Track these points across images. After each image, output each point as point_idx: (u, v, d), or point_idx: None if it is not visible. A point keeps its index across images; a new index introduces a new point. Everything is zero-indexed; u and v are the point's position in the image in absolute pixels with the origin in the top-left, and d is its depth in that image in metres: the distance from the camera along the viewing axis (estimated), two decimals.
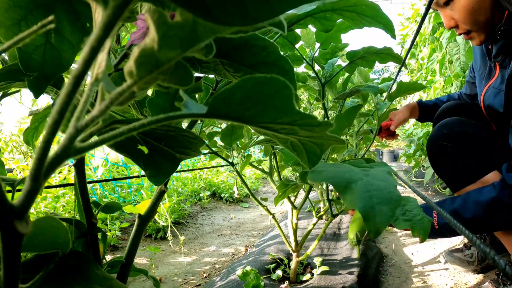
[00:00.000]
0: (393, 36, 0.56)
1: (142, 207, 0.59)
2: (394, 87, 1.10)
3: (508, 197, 0.75)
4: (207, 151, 0.92)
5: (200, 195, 2.57)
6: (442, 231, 0.83)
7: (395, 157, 7.48)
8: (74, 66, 0.34)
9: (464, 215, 0.80)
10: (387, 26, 0.54)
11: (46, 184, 1.16)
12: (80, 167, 0.46)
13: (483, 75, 1.04)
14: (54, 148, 0.18)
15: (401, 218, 0.48)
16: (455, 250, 1.22)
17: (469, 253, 1.17)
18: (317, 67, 0.86)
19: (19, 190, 0.40)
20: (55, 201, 1.68)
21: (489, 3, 0.81)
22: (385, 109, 0.95)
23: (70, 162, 1.48)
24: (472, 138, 0.96)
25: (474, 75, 1.16)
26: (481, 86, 1.05)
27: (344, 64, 0.83)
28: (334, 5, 0.52)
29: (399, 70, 0.95)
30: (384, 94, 1.07)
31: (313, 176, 0.36)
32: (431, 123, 1.32)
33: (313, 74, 0.86)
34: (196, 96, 0.63)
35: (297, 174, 0.91)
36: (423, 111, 1.31)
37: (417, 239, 0.51)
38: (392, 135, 1.32)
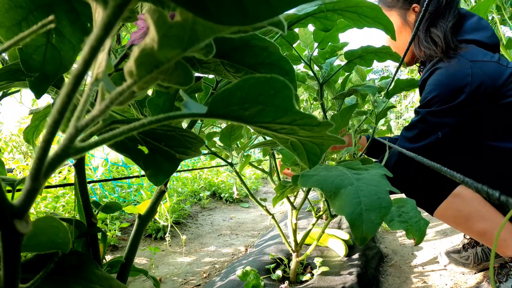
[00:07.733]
0: (393, 38, 0.56)
1: (142, 207, 0.59)
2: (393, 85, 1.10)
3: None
4: (206, 151, 0.92)
5: (200, 195, 2.57)
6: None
7: None
8: (75, 66, 0.34)
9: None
10: (388, 27, 0.54)
11: (46, 184, 1.16)
12: (80, 167, 0.46)
13: None
14: (54, 148, 0.18)
15: (396, 219, 0.47)
16: (452, 250, 1.22)
17: (465, 255, 1.18)
18: (316, 68, 0.86)
19: (19, 190, 0.40)
20: (55, 201, 1.68)
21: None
22: (382, 107, 0.95)
23: (70, 162, 1.48)
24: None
25: None
26: None
27: (343, 63, 0.83)
28: (335, 5, 0.52)
29: (398, 68, 0.95)
30: (383, 93, 1.07)
31: (302, 180, 0.36)
32: None
33: (312, 74, 0.86)
34: (196, 96, 0.63)
35: None
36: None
37: None
38: None
